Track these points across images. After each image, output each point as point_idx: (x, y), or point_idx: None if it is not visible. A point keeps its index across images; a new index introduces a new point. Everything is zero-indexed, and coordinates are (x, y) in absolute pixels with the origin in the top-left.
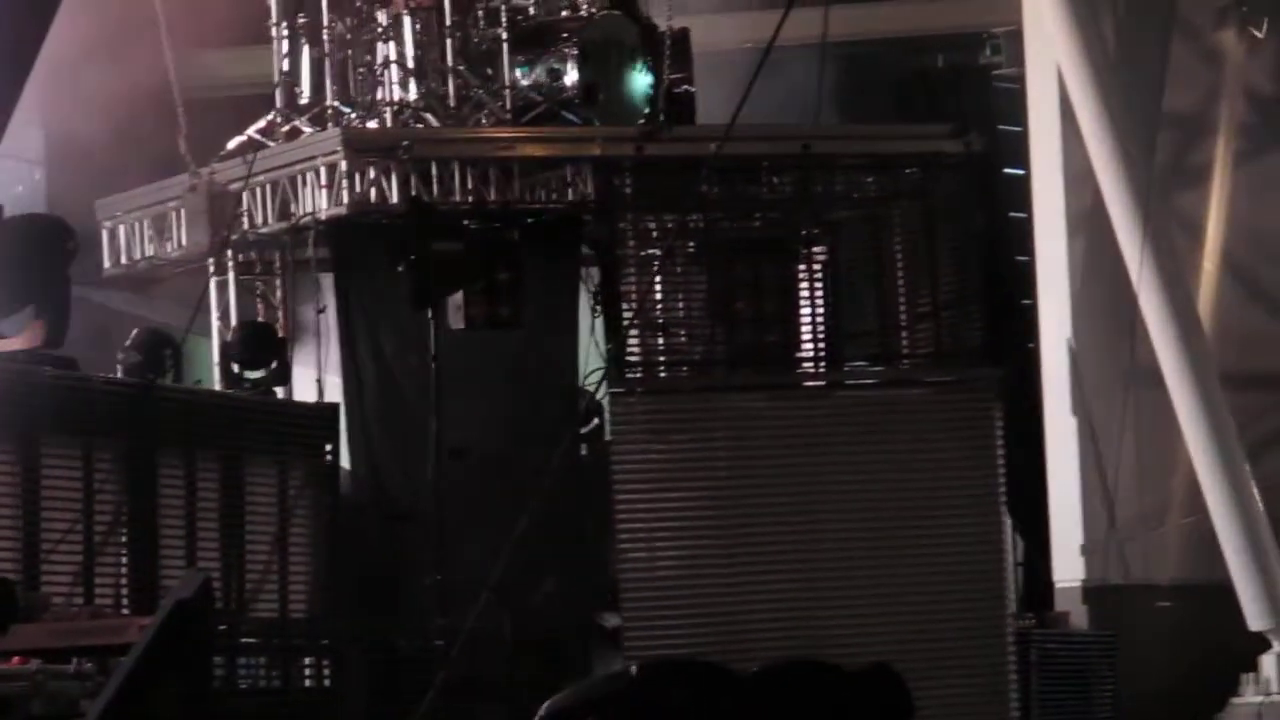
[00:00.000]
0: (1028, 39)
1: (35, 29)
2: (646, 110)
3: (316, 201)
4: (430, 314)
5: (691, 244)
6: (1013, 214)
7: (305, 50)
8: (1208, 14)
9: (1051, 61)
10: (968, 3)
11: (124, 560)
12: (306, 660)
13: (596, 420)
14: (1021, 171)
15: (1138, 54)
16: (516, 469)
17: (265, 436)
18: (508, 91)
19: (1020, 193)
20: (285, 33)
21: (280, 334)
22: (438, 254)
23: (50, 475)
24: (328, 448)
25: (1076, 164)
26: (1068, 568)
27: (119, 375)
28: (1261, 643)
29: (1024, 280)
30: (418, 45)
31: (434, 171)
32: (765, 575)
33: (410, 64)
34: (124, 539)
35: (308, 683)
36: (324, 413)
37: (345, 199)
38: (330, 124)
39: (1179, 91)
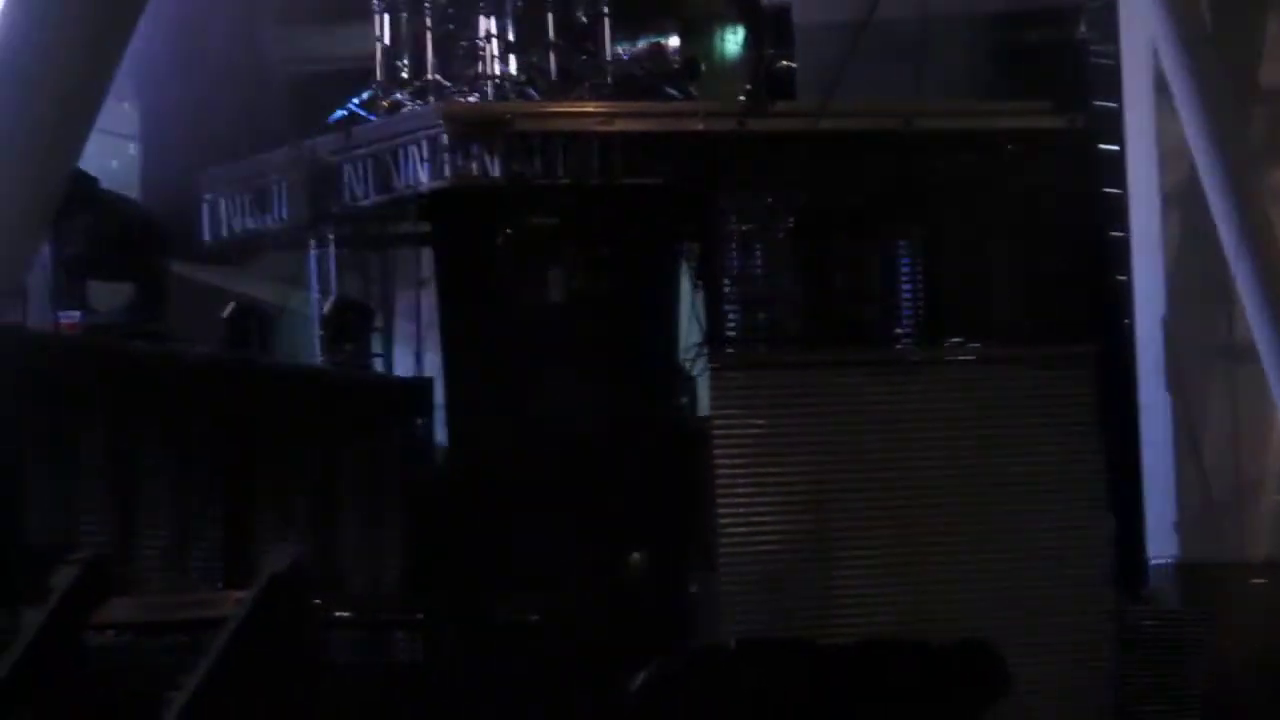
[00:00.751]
0: (1122, 14)
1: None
2: (748, 85)
3: (418, 175)
4: (529, 287)
5: (791, 219)
6: (1107, 189)
7: (406, 24)
8: None
9: (1146, 37)
10: None
11: (219, 534)
12: (400, 634)
13: (689, 395)
14: (1116, 147)
15: (1232, 29)
16: (613, 442)
17: (360, 410)
18: (609, 66)
19: (1115, 168)
20: (386, 7)
21: (377, 308)
22: (537, 228)
23: (144, 449)
24: (420, 421)
25: (1171, 139)
26: (1162, 545)
27: (213, 349)
28: None
29: (1119, 256)
30: (519, 19)
31: (536, 145)
32: (862, 550)
33: (511, 38)
34: (219, 512)
35: (402, 656)
36: (419, 386)
37: (447, 173)
38: (432, 98)
39: (1274, 66)
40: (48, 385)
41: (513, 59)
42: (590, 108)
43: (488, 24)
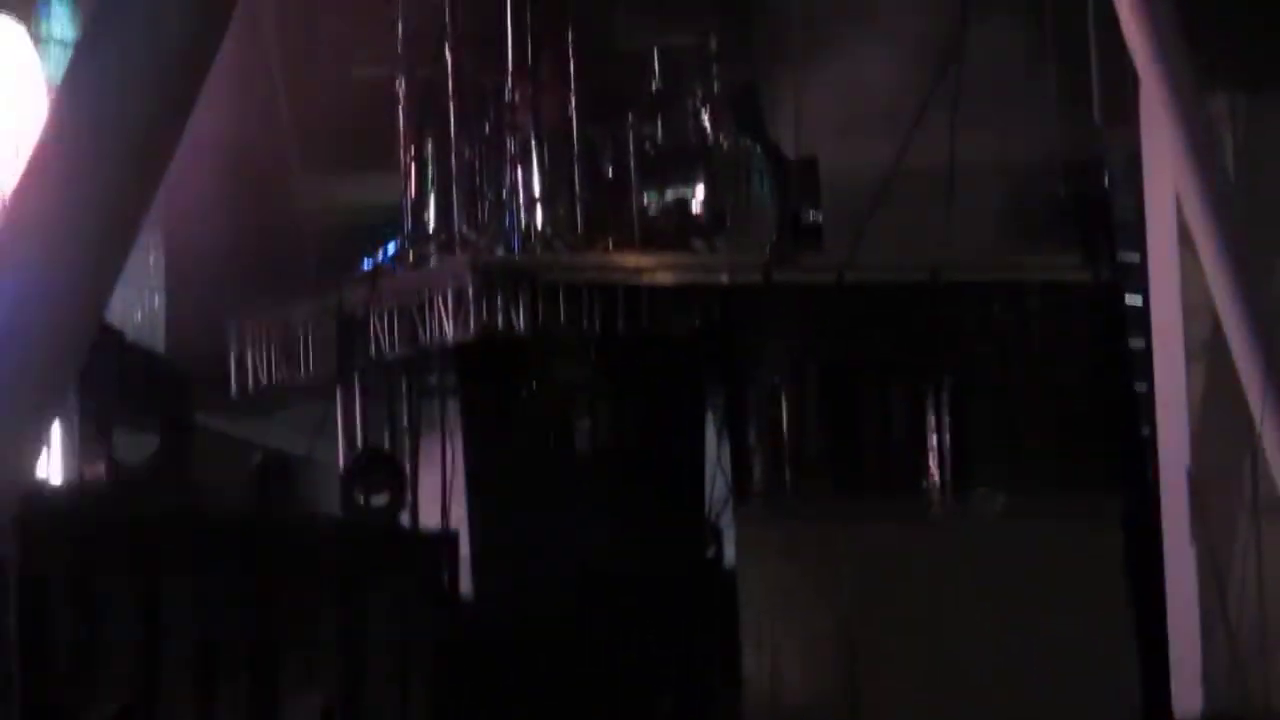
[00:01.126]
0: (1147, 167)
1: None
2: (774, 236)
3: (444, 327)
4: (557, 438)
5: (818, 370)
6: (1133, 342)
7: (433, 176)
8: None
9: (1170, 190)
10: (1089, 131)
11: (244, 688)
12: None
13: (715, 546)
14: (1140, 301)
15: (1256, 182)
16: (645, 593)
17: (386, 563)
18: (636, 218)
19: (1140, 321)
20: (414, 158)
21: (404, 460)
22: (563, 380)
23: (169, 602)
24: (446, 574)
25: (1195, 293)
26: (1187, 698)
27: (240, 502)
28: None
29: (1144, 409)
30: (546, 172)
31: (562, 297)
32: (889, 703)
33: (538, 190)
34: (244, 666)
35: None
36: (445, 540)
37: (473, 325)
38: (458, 250)
39: None
40: (72, 538)
41: (539, 211)
42: (616, 260)
43: (514, 176)
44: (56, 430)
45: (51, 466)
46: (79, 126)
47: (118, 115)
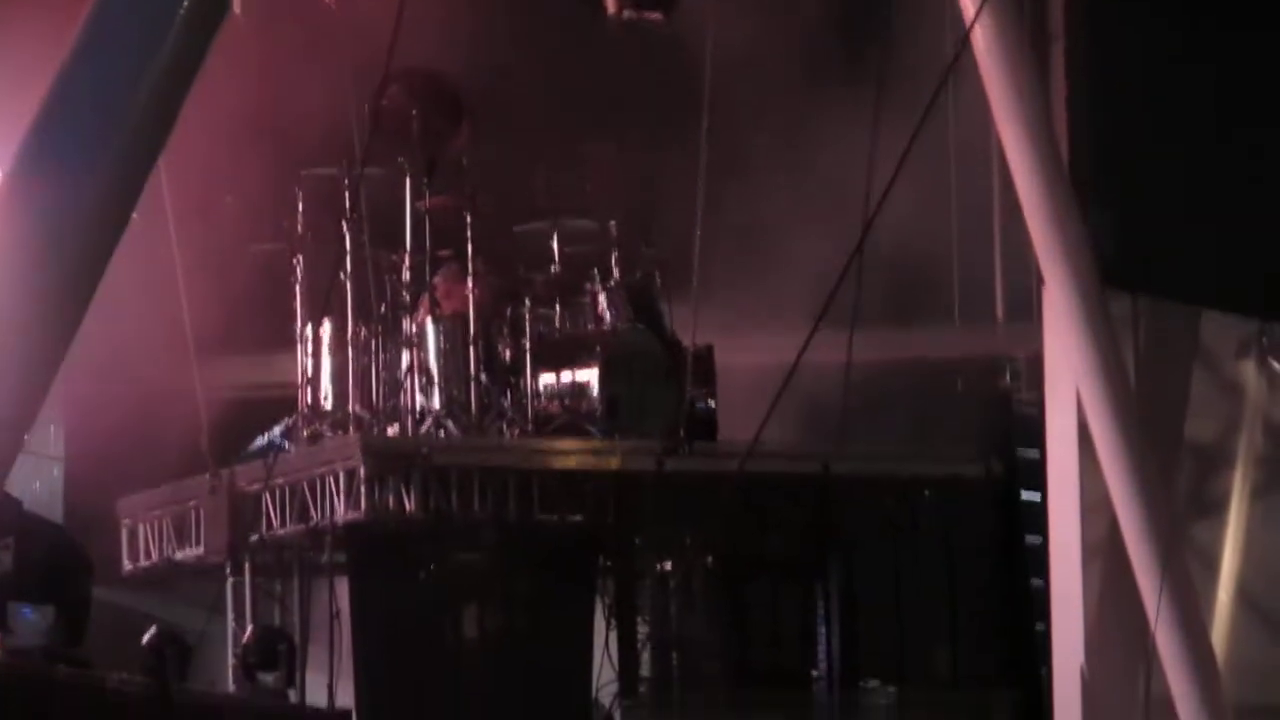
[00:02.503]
0: (1048, 365)
1: (67, 328)
2: (668, 425)
3: (335, 506)
4: (451, 623)
5: (709, 560)
6: (1029, 538)
7: (328, 355)
8: (1229, 345)
9: (1071, 387)
10: (990, 329)
11: None
12: None
13: None
14: (1038, 497)
15: (1158, 383)
16: None
17: None
18: (530, 402)
19: (1037, 518)
20: (309, 337)
21: (294, 638)
22: (464, 565)
23: None
24: None
25: (1093, 491)
26: None
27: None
28: None
29: (1038, 606)
30: (441, 354)
31: (453, 481)
32: None
33: (433, 372)
34: None
35: None
36: (336, 717)
37: (363, 506)
38: (351, 429)
39: (1198, 421)
40: None
41: (435, 393)
42: (509, 444)
43: (410, 357)
44: None
45: None
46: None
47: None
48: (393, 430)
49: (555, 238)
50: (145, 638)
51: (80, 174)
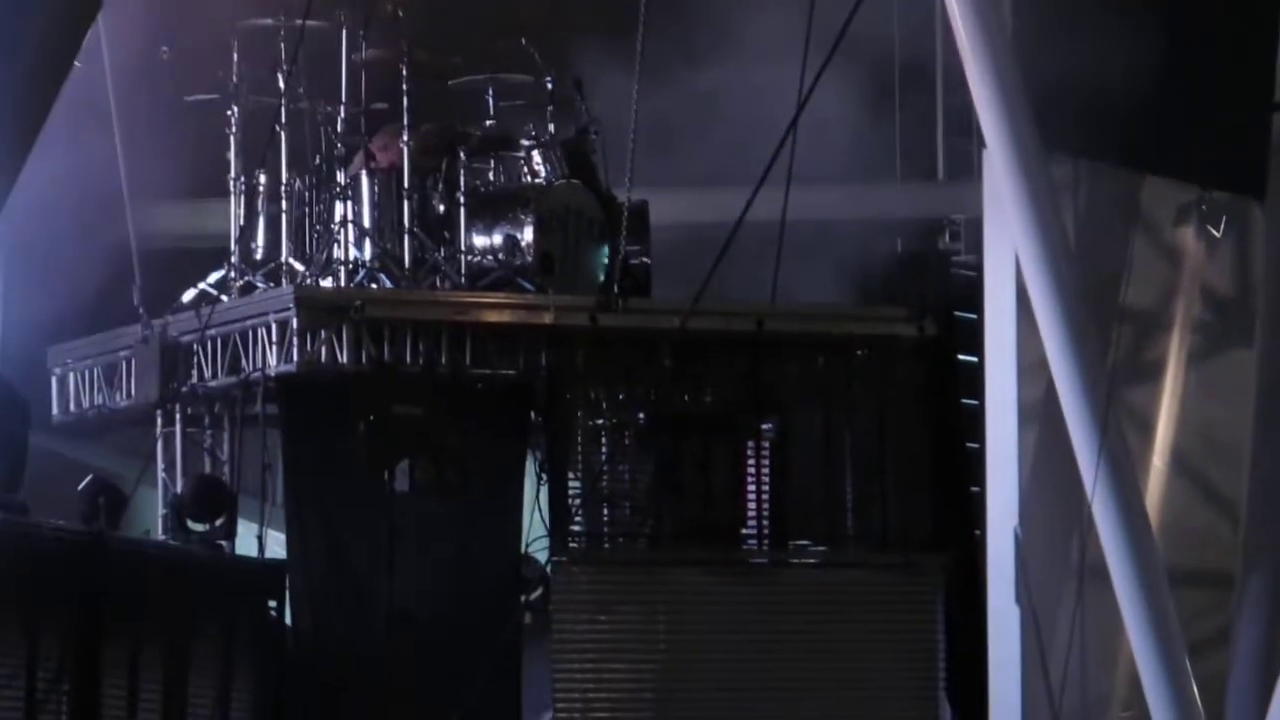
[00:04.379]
0: (987, 227)
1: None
2: (602, 281)
3: (267, 358)
4: (386, 477)
5: (641, 416)
6: (965, 400)
7: (262, 206)
8: (1168, 210)
9: (1010, 250)
10: (929, 189)
11: (67, 713)
12: None
13: (543, 589)
14: (976, 359)
15: (1097, 247)
16: (460, 634)
17: (211, 591)
18: (463, 256)
19: (974, 380)
20: (243, 188)
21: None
22: (398, 417)
23: None
24: (273, 604)
25: (1031, 354)
26: None
27: (68, 523)
28: None
29: (973, 467)
30: (375, 206)
31: (386, 333)
32: None
33: (367, 224)
34: (68, 691)
35: None
36: (271, 569)
37: (296, 357)
38: (284, 281)
39: (1136, 287)
40: None
41: (368, 245)
42: (443, 297)
43: (344, 209)
44: None
45: None
46: None
47: None
48: (326, 282)
49: (491, 92)
50: (81, 486)
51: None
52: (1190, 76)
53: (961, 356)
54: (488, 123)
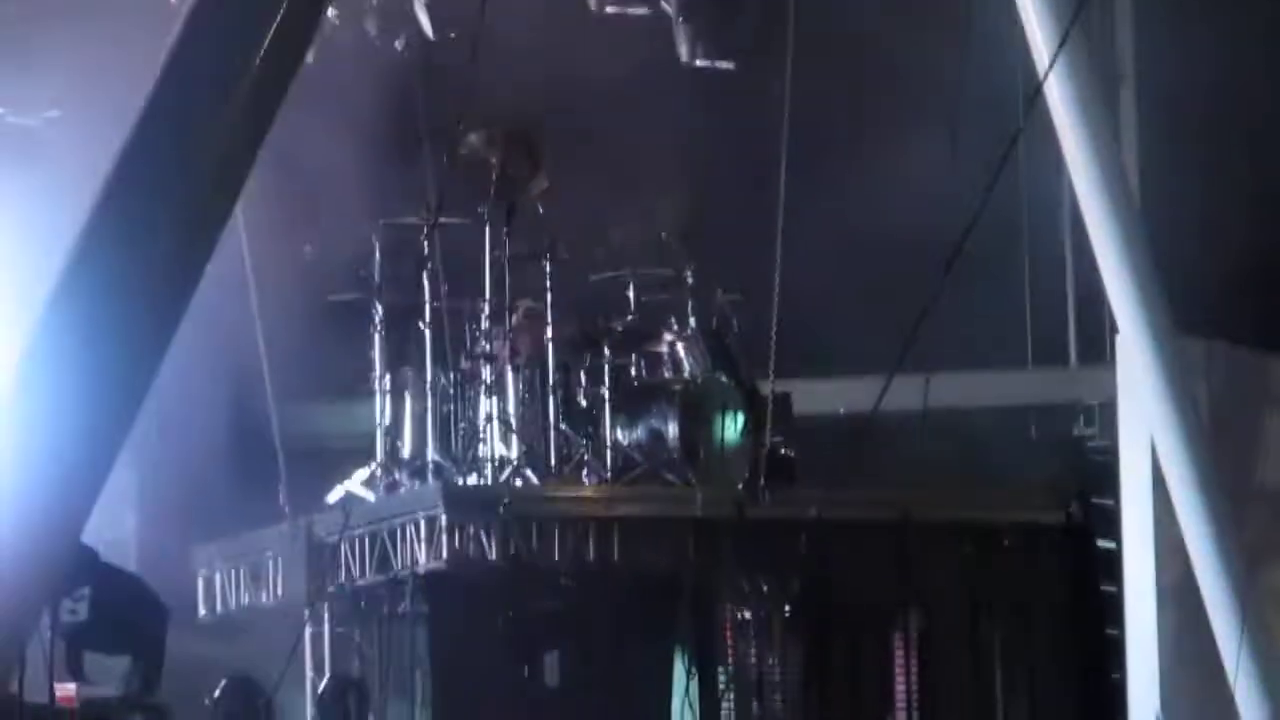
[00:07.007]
0: (1121, 410)
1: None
2: (747, 472)
3: (415, 555)
4: (531, 670)
5: (788, 608)
6: (1104, 586)
7: (408, 403)
8: None
9: (1145, 433)
10: (1064, 374)
11: None
12: None
13: None
14: (1112, 544)
15: (1230, 426)
16: None
17: None
18: (609, 450)
19: (1111, 565)
20: (388, 386)
21: (367, 687)
22: (537, 612)
23: None
24: None
25: (1168, 537)
26: None
27: None
28: None
29: (1114, 654)
30: (520, 402)
31: (534, 529)
32: None
33: (512, 421)
34: None
35: None
36: None
37: (444, 554)
38: (430, 478)
39: (1271, 466)
40: None
41: (514, 441)
42: (589, 492)
43: (488, 405)
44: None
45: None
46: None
47: None
48: (472, 479)
49: (632, 285)
50: (219, 687)
51: (152, 233)
52: None
53: (1099, 541)
54: (629, 316)
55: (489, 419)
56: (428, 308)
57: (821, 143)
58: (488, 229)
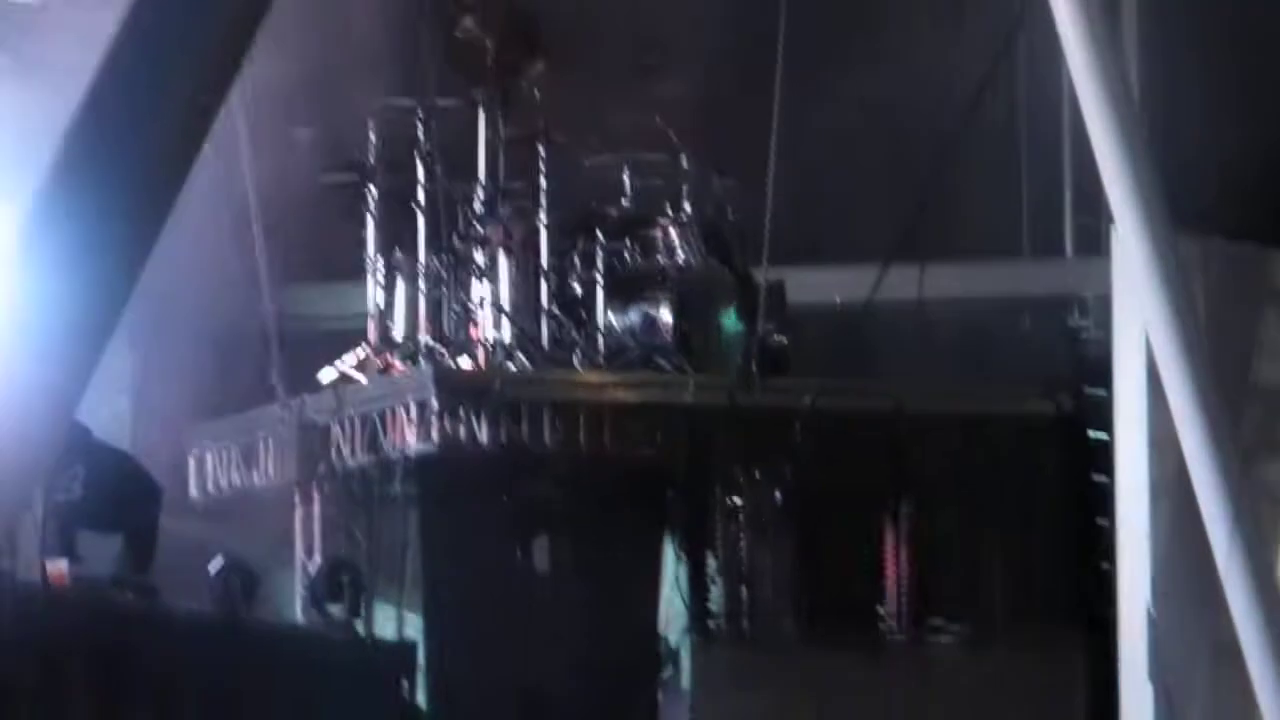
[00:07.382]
0: (1116, 304)
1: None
2: (740, 360)
3: (406, 437)
4: (520, 555)
5: (779, 495)
6: (1095, 477)
7: (400, 286)
8: None
9: (1139, 326)
10: (1057, 266)
11: None
12: None
13: (671, 668)
14: (1105, 435)
15: (1227, 323)
16: (595, 714)
17: (345, 672)
18: (601, 336)
19: (1103, 456)
20: (380, 268)
21: (360, 569)
22: (529, 497)
23: (128, 702)
24: (404, 685)
25: (1161, 430)
26: None
27: (200, 605)
28: None
29: (1105, 545)
30: (513, 286)
31: (525, 413)
32: None
33: (505, 304)
34: None
35: None
36: (404, 650)
37: (435, 437)
38: (422, 361)
39: (1268, 363)
40: (33, 635)
41: (506, 325)
42: (581, 377)
43: (481, 290)
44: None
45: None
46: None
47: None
48: (464, 362)
49: (626, 171)
50: (212, 567)
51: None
52: None
53: (1092, 433)
54: (624, 202)
55: (481, 302)
56: (421, 190)
57: (821, 28)
58: (482, 112)
